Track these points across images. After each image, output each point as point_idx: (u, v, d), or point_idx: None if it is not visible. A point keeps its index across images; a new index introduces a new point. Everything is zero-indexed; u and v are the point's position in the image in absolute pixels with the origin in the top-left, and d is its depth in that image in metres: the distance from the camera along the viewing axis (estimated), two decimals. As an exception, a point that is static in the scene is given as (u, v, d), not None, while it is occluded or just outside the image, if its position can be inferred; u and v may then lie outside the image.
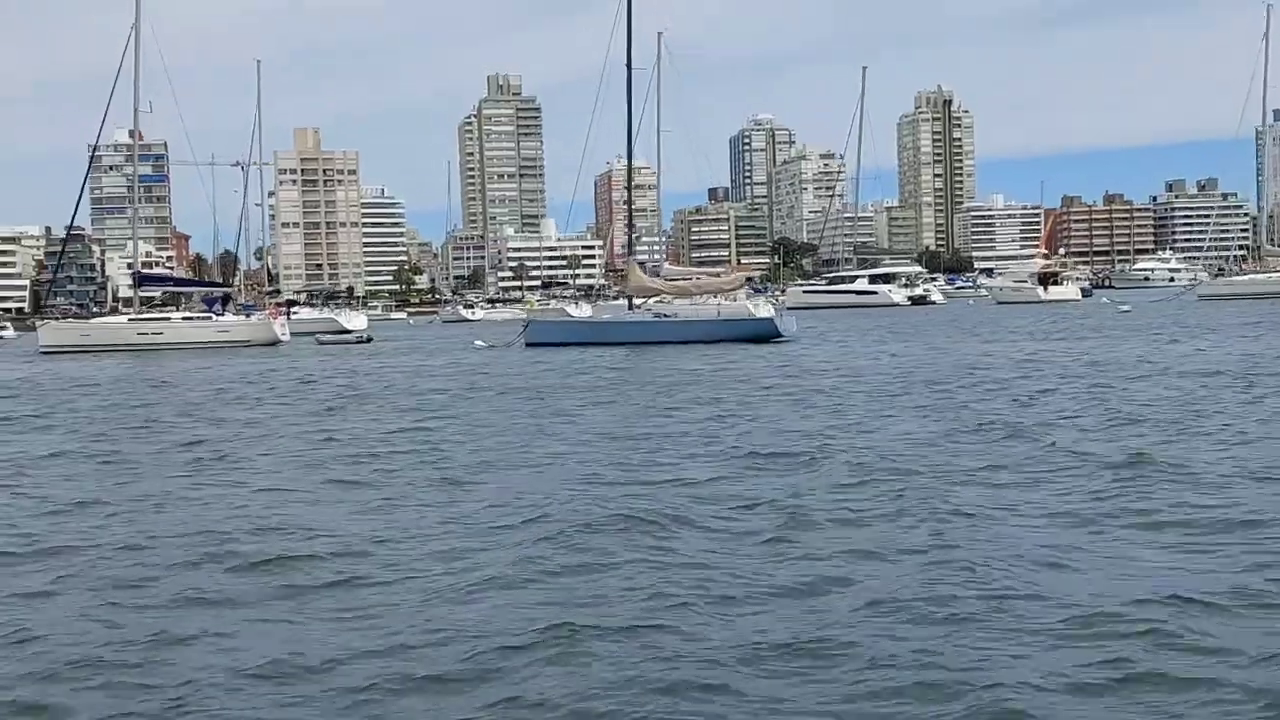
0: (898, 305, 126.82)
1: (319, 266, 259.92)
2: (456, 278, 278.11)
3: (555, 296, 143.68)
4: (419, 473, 17.40)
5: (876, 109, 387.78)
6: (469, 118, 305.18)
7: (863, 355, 44.30)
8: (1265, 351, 36.84)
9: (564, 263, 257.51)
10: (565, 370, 40.54)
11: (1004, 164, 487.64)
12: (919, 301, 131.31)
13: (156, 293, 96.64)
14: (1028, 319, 73.46)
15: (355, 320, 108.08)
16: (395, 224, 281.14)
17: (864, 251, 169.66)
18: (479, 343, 64.24)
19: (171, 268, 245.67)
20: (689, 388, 31.32)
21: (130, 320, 79.48)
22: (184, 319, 79.82)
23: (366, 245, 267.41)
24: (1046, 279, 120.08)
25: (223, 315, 79.67)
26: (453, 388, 35.07)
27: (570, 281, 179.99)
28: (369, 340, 77.60)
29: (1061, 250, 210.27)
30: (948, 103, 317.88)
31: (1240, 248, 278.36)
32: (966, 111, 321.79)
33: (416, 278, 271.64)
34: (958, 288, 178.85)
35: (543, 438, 21.19)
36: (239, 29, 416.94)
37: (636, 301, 62.89)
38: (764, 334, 56.88)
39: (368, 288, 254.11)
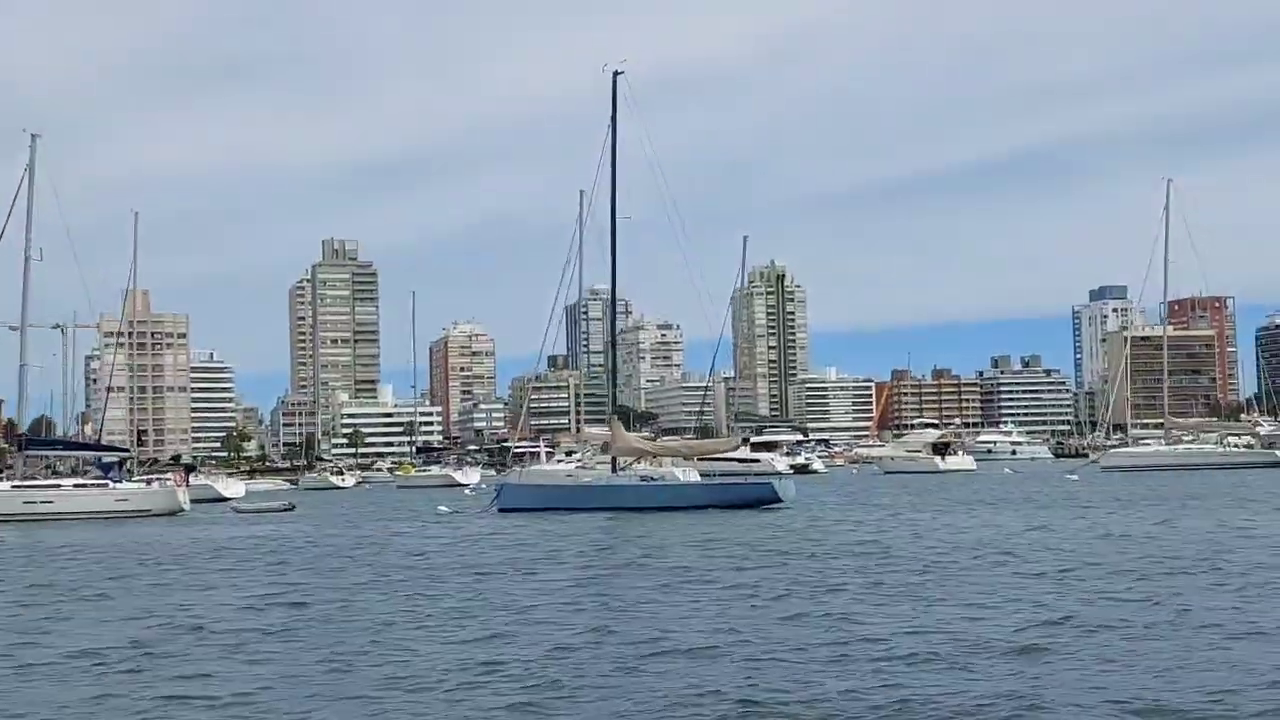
0: (781, 474, 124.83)
1: (144, 432, 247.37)
2: (287, 444, 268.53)
3: (436, 461, 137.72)
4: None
5: (711, 282, 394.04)
6: (301, 282, 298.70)
7: (938, 526, 40.93)
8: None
9: (400, 429, 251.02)
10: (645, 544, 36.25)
11: (835, 337, 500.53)
12: (801, 470, 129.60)
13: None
14: (996, 489, 71.43)
15: (233, 487, 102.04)
16: (224, 389, 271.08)
17: (745, 419, 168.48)
18: (443, 508, 59.54)
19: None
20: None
21: (15, 487, 71.76)
22: (76, 486, 72.45)
23: (194, 410, 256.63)
24: (942, 449, 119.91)
25: (120, 482, 72.83)
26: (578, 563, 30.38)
27: (437, 445, 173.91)
28: (291, 508, 71.53)
29: (957, 420, 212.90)
30: (780, 277, 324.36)
31: (1064, 422, 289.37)
32: (799, 286, 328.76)
33: (246, 444, 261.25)
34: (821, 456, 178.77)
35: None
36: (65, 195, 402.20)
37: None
38: (763, 498, 53.68)
39: (194, 454, 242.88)
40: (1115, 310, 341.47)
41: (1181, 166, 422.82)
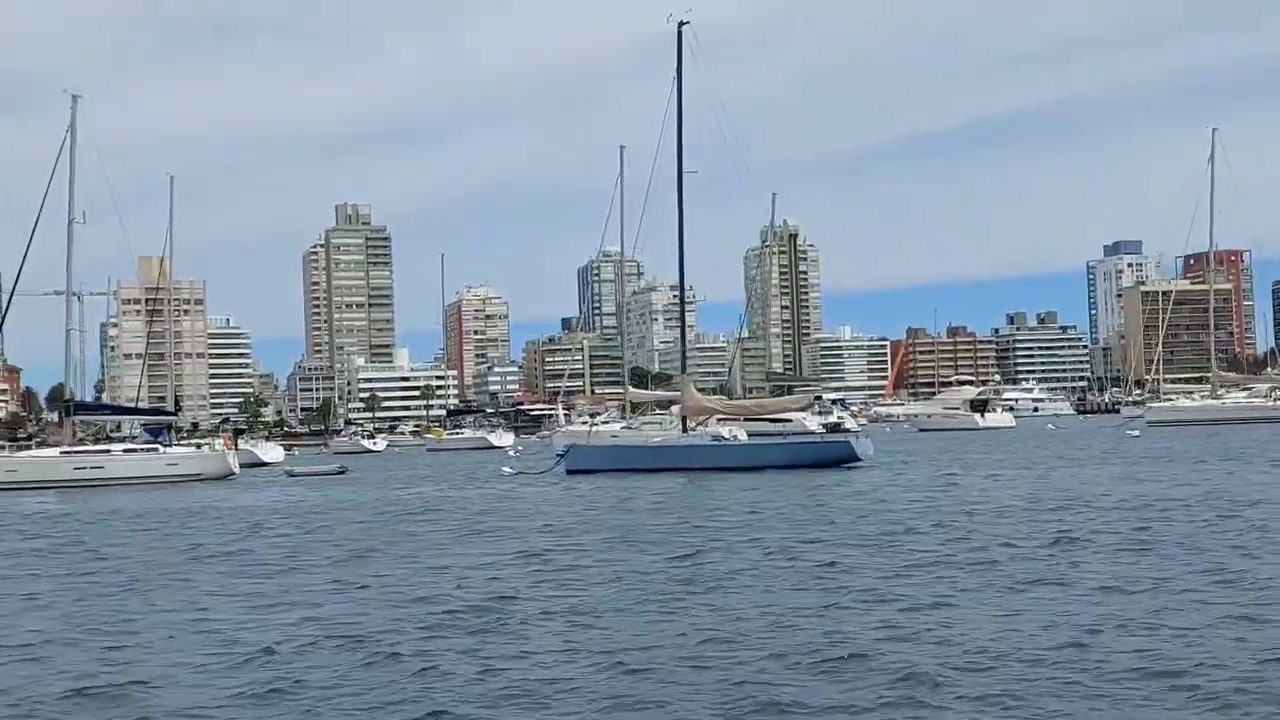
0: (813, 433, 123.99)
1: (162, 399, 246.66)
2: (305, 409, 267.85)
3: (466, 425, 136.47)
4: None
5: (723, 242, 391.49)
6: (315, 246, 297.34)
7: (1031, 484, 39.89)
8: None
9: (417, 393, 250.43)
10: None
11: (848, 297, 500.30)
12: (833, 429, 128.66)
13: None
14: (1066, 446, 70.17)
15: (272, 453, 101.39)
16: (241, 355, 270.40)
17: (775, 378, 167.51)
18: (507, 469, 58.78)
19: (5, 401, 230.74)
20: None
21: (64, 453, 70.86)
22: (125, 451, 71.63)
23: (212, 377, 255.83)
24: (980, 406, 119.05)
25: (170, 446, 72.14)
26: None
27: (467, 408, 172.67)
28: (344, 472, 70.78)
29: (996, 377, 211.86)
30: (793, 237, 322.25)
31: (1082, 378, 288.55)
32: (812, 246, 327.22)
33: (263, 409, 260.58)
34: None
35: None
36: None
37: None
38: (840, 457, 52.80)
39: (213, 421, 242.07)
40: (1130, 265, 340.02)
41: (1191, 122, 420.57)
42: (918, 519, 27.41)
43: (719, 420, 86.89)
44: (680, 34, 57.50)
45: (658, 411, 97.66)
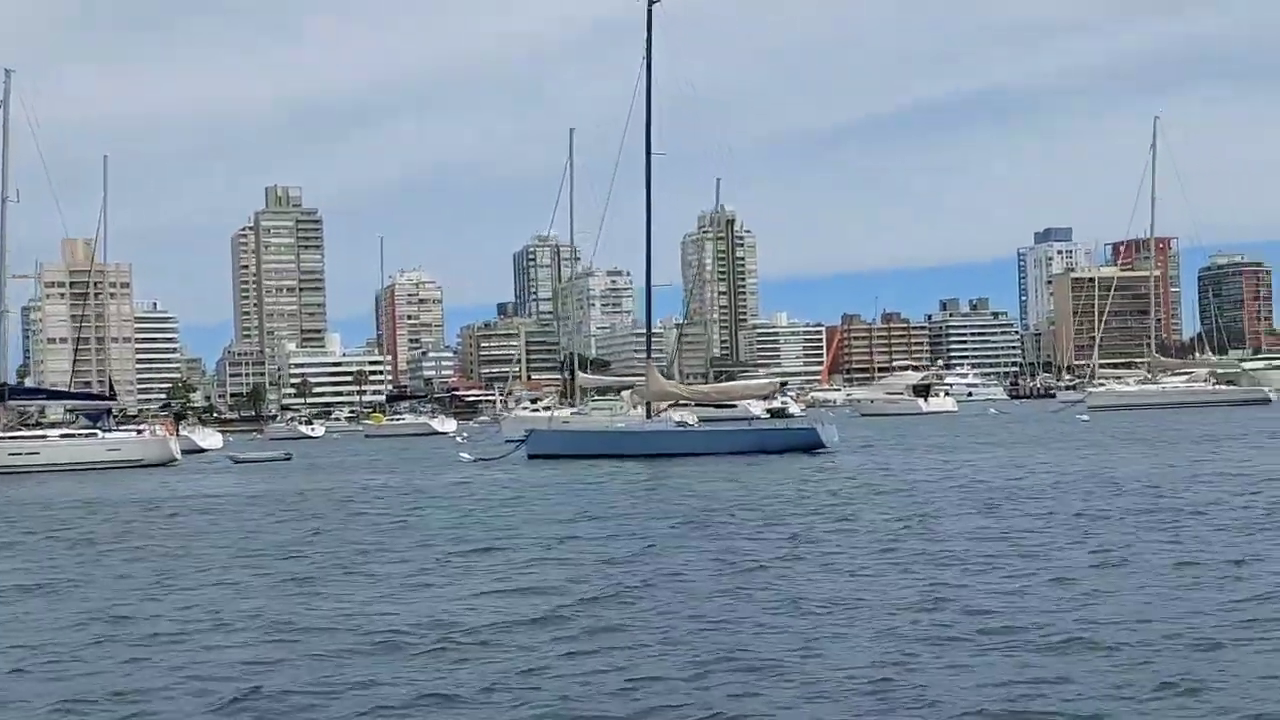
0: (759, 418, 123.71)
1: (87, 384, 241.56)
2: (234, 395, 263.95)
3: (408, 410, 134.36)
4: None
5: (659, 227, 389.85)
6: (244, 229, 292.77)
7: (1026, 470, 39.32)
8: None
9: (349, 379, 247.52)
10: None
11: (782, 283, 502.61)
12: (778, 414, 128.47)
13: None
14: (1022, 429, 70.17)
15: (211, 439, 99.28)
16: (169, 339, 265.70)
17: (718, 365, 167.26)
18: (465, 455, 57.38)
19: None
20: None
21: (-3, 439, 68.38)
22: (63, 436, 69.43)
23: (139, 362, 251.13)
24: (923, 391, 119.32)
25: (110, 431, 70.01)
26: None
27: (408, 394, 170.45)
28: (289, 458, 69.09)
29: (940, 362, 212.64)
30: (730, 223, 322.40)
31: (1014, 364, 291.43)
32: (749, 232, 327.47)
33: (191, 395, 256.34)
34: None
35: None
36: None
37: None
38: (805, 444, 52.02)
39: (140, 407, 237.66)
40: (1060, 253, 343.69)
41: (1131, 109, 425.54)
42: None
43: (673, 405, 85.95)
44: (650, 14, 56.43)
45: (598, 398, 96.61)
